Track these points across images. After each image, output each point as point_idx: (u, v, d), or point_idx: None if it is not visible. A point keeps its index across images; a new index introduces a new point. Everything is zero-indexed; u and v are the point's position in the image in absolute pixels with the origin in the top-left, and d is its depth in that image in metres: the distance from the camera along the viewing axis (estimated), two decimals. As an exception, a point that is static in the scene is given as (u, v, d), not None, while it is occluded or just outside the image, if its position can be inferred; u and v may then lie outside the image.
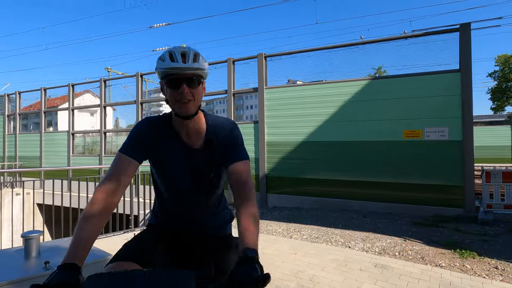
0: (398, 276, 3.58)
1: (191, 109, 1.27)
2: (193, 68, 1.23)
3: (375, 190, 7.39)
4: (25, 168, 13.06)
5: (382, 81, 7.69)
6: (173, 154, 1.37)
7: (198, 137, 1.38)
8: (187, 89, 1.24)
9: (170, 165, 1.38)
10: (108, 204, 1.20)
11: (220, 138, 1.36)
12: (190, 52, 1.25)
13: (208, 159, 1.38)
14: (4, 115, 15.06)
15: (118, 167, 1.27)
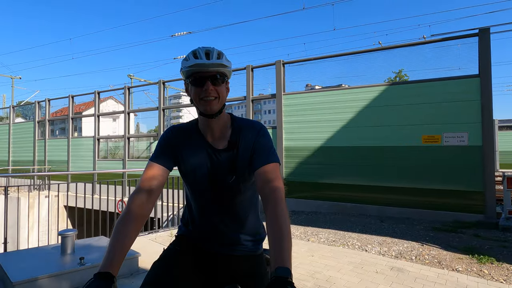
0: (413, 279, 3.65)
1: (216, 107, 1.27)
2: (217, 65, 1.23)
3: (393, 195, 7.40)
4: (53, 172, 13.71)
5: (400, 87, 7.72)
6: (197, 155, 1.36)
7: (222, 137, 1.36)
8: (211, 86, 1.24)
9: (193, 166, 1.36)
10: (141, 213, 1.22)
11: (245, 140, 1.34)
12: (214, 50, 1.26)
13: (231, 161, 1.34)
14: (34, 121, 15.86)
15: (149, 175, 1.29)
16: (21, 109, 21.36)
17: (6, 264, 3.35)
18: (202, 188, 1.37)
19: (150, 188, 1.27)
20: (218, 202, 1.37)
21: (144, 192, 1.25)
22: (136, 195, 1.24)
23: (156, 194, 1.29)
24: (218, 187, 1.35)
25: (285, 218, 1.12)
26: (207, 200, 1.38)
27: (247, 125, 1.36)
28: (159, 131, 11.48)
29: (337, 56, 8.75)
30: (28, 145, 16.14)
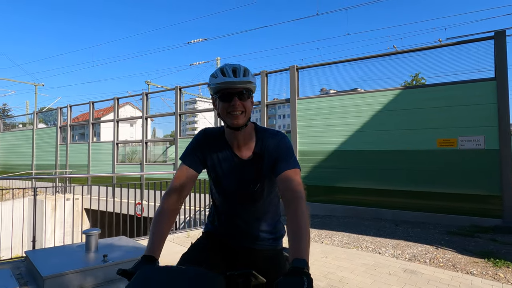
0: (427, 281, 3.68)
1: (242, 121, 1.36)
2: (244, 82, 1.32)
3: (408, 199, 7.37)
4: (74, 175, 14.17)
5: (415, 90, 7.71)
6: (224, 164, 1.47)
7: (248, 148, 1.45)
8: (238, 101, 1.33)
9: (221, 175, 1.48)
10: (173, 209, 1.40)
11: (268, 150, 1.43)
12: (240, 68, 1.35)
13: (256, 170, 1.44)
14: (56, 126, 16.45)
15: (180, 177, 1.45)
16: (43, 115, 22.16)
17: (35, 260, 3.57)
18: (228, 193, 1.50)
19: (181, 189, 1.43)
20: (242, 205, 1.50)
21: (175, 192, 1.42)
22: (168, 195, 1.41)
23: (186, 193, 1.45)
24: (243, 193, 1.47)
25: (305, 218, 1.21)
26: (231, 203, 1.52)
27: (270, 135, 1.46)
28: (175, 136, 11.75)
29: (352, 61, 8.80)
30: (50, 150, 16.73)
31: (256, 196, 1.48)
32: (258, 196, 1.48)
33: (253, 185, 1.45)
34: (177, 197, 1.42)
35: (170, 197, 1.41)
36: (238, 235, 1.54)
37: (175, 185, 1.44)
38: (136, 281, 0.95)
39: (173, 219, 1.41)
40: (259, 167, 1.44)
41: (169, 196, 1.41)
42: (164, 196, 1.43)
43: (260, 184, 1.45)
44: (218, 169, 1.49)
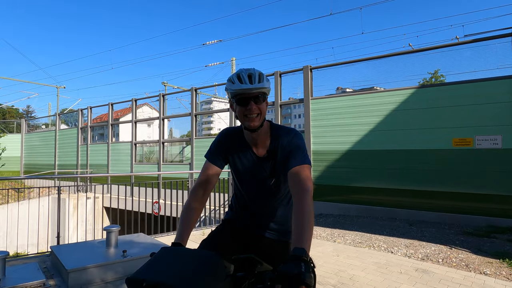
0: (438, 280, 3.71)
1: (257, 122, 1.48)
2: (259, 88, 1.42)
3: (424, 199, 7.32)
4: (94, 174, 14.64)
5: (431, 89, 7.62)
6: (243, 161, 1.62)
7: (263, 146, 1.59)
8: (254, 105, 1.45)
9: (241, 170, 1.64)
10: (200, 203, 1.56)
11: (281, 147, 1.54)
12: (255, 73, 1.45)
13: (271, 167, 1.58)
14: (77, 127, 17.01)
15: (205, 173, 1.61)
16: (65, 116, 22.91)
17: (60, 255, 3.79)
18: (247, 186, 1.67)
19: (206, 184, 1.60)
20: (259, 197, 1.65)
21: (201, 187, 1.59)
22: (195, 190, 1.59)
23: (211, 188, 1.62)
24: (260, 188, 1.63)
25: (309, 211, 1.27)
26: (249, 195, 1.67)
27: (284, 133, 1.56)
28: (191, 136, 11.99)
29: (367, 60, 8.77)
30: (72, 150, 17.32)
31: (272, 191, 1.61)
32: (274, 191, 1.61)
33: (269, 180, 1.59)
34: (202, 191, 1.59)
35: (196, 192, 1.58)
36: (254, 224, 1.68)
37: (200, 181, 1.61)
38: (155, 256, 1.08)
39: (200, 211, 1.58)
40: (273, 163, 1.57)
41: (196, 191, 1.58)
42: (191, 191, 1.60)
43: (276, 179, 1.58)
44: (238, 165, 1.64)
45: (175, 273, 0.97)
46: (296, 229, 1.23)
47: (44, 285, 3.40)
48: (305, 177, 1.39)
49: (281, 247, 1.64)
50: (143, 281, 0.93)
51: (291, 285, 0.99)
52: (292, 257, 1.07)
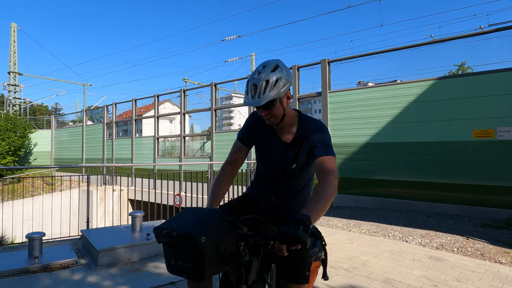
0: (451, 267, 3.76)
1: (274, 122, 1.61)
2: (264, 99, 1.48)
3: (443, 192, 7.26)
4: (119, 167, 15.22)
5: (451, 81, 7.50)
6: (268, 145, 1.74)
7: (289, 132, 1.68)
8: (264, 112, 1.56)
9: (264, 153, 1.77)
10: (229, 178, 1.79)
11: (308, 137, 1.61)
12: (262, 83, 1.48)
13: (294, 153, 1.67)
14: (103, 123, 17.70)
15: (234, 151, 1.82)
16: (91, 113, 23.82)
17: (90, 237, 4.11)
18: (268, 168, 1.79)
19: (235, 160, 1.82)
20: (278, 180, 1.76)
21: (230, 163, 1.82)
22: (225, 166, 1.81)
23: (239, 164, 1.84)
24: (281, 170, 1.73)
25: (329, 192, 1.36)
26: (271, 177, 1.79)
27: (312, 124, 1.66)
28: (211, 131, 12.27)
29: (387, 52, 8.69)
30: (98, 145, 18.05)
31: (291, 174, 1.71)
32: (293, 175, 1.71)
33: (290, 164, 1.69)
34: (231, 167, 1.80)
35: (226, 167, 1.81)
36: (270, 204, 1.80)
37: (230, 157, 1.82)
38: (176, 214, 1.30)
39: (228, 185, 1.80)
40: (297, 150, 1.66)
41: (226, 166, 1.81)
42: (222, 167, 1.82)
43: (297, 165, 1.68)
44: (262, 147, 1.78)
45: (187, 222, 1.18)
46: (310, 201, 1.36)
47: (76, 263, 3.71)
48: (331, 167, 1.49)
49: None
50: (163, 229, 1.17)
51: (288, 243, 1.15)
52: (294, 220, 1.19)
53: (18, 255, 3.82)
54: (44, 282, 3.20)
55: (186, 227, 1.14)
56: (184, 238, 1.11)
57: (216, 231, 1.15)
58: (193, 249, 1.09)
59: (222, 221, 1.20)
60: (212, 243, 1.11)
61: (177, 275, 1.16)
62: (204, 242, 1.08)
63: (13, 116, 21.04)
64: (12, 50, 24.97)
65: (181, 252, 1.14)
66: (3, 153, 19.05)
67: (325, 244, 1.99)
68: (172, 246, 1.16)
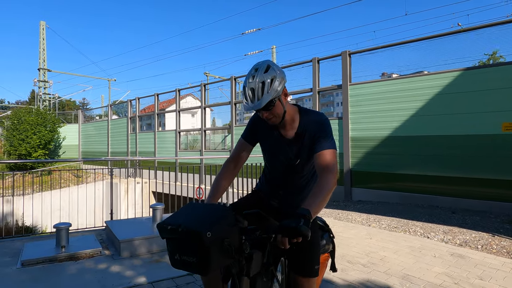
0: (474, 265, 3.65)
1: (276, 122, 1.63)
2: (264, 101, 1.50)
3: (469, 187, 7.01)
4: (142, 160, 15.62)
5: (480, 71, 7.17)
6: (271, 142, 1.76)
7: (292, 128, 1.70)
8: (265, 114, 1.58)
9: (269, 150, 1.81)
10: (230, 174, 1.81)
11: (309, 131, 1.64)
12: (258, 86, 1.50)
13: (297, 148, 1.69)
14: (127, 117, 18.17)
15: (238, 148, 1.84)
16: (116, 107, 24.50)
17: (113, 228, 4.26)
18: (274, 164, 1.82)
19: (237, 158, 1.83)
20: (284, 175, 1.79)
21: (233, 160, 1.83)
22: (228, 163, 1.83)
23: (242, 162, 1.85)
24: (286, 166, 1.76)
25: (327, 187, 1.44)
26: (276, 172, 1.82)
27: (312, 118, 1.68)
28: (231, 125, 12.35)
29: (411, 42, 8.42)
30: (122, 139, 18.58)
31: (296, 170, 1.74)
32: (298, 170, 1.74)
33: (294, 160, 1.71)
34: (234, 164, 1.82)
35: (228, 164, 1.83)
36: (277, 198, 1.83)
37: (233, 155, 1.85)
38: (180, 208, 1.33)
39: (229, 181, 1.81)
40: (300, 145, 1.68)
41: (228, 163, 1.83)
42: (224, 163, 1.84)
43: (300, 160, 1.70)
44: (266, 144, 1.81)
45: (192, 218, 1.21)
46: (310, 196, 1.42)
47: (100, 253, 3.87)
48: (330, 161, 1.53)
49: None
50: (168, 225, 1.19)
51: (290, 236, 1.20)
52: (295, 214, 1.24)
53: (47, 244, 4.02)
54: (70, 271, 3.37)
55: (192, 222, 1.17)
56: (190, 234, 1.13)
57: (221, 227, 1.17)
58: (199, 244, 1.12)
59: (227, 216, 1.23)
60: (217, 238, 1.14)
61: (181, 269, 1.19)
62: (210, 237, 1.11)
63: (43, 111, 21.96)
64: (42, 47, 25.96)
65: (186, 247, 1.17)
66: (34, 147, 19.95)
67: (333, 236, 2.00)
68: (176, 241, 1.19)
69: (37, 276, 3.22)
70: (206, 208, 1.28)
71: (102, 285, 3.04)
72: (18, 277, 3.19)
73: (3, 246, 4.15)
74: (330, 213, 6.69)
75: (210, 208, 1.27)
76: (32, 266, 3.46)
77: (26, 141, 19.86)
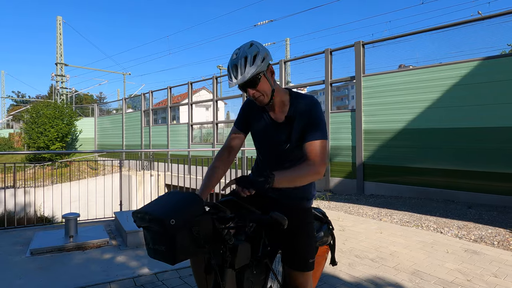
0: (488, 262, 3.50)
1: (264, 101, 1.55)
2: (245, 77, 1.44)
3: (487, 181, 6.76)
4: (156, 152, 15.78)
5: (502, 60, 6.82)
6: (261, 126, 1.70)
7: (281, 112, 1.63)
8: (251, 91, 1.51)
9: (258, 134, 1.73)
10: (224, 163, 1.73)
11: (300, 114, 1.58)
12: (240, 60, 1.45)
13: (288, 132, 1.62)
14: (141, 111, 18.35)
15: (231, 137, 1.78)
16: (131, 101, 24.81)
17: (121, 219, 4.29)
18: (265, 150, 1.76)
19: (231, 147, 1.76)
20: (276, 161, 1.70)
21: (226, 150, 1.76)
22: (221, 152, 1.76)
23: (235, 151, 1.78)
24: (276, 151, 1.68)
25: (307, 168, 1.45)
26: (267, 159, 1.75)
27: (303, 101, 1.60)
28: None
29: (427, 31, 8.12)
30: (137, 132, 18.80)
31: (286, 155, 1.65)
32: (289, 156, 1.65)
33: (284, 145, 1.64)
34: (227, 153, 1.76)
35: (221, 154, 1.76)
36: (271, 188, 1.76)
37: (226, 144, 1.78)
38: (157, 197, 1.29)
39: (223, 172, 1.73)
40: (290, 129, 1.61)
41: (221, 153, 1.76)
42: (217, 154, 1.77)
43: (290, 145, 1.62)
44: (256, 130, 1.74)
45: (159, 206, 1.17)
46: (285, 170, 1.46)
47: (107, 243, 3.90)
48: (319, 152, 1.49)
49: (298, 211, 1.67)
50: (138, 213, 1.17)
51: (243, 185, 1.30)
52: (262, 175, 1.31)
53: (56, 233, 4.08)
54: (77, 260, 3.40)
55: (157, 210, 1.14)
56: (155, 221, 1.11)
57: (186, 213, 1.13)
58: (163, 232, 1.09)
59: (194, 203, 1.18)
60: (182, 226, 1.10)
61: (155, 259, 1.17)
62: (174, 224, 1.07)
63: (60, 105, 22.43)
64: (58, 42, 26.44)
65: (156, 235, 1.14)
66: (52, 140, 20.45)
67: (332, 228, 1.91)
68: (149, 230, 1.16)
69: (44, 265, 3.27)
70: (176, 195, 1.24)
71: (106, 274, 3.05)
72: (26, 266, 3.24)
73: (16, 235, 4.24)
74: (341, 206, 6.58)
75: (179, 196, 1.23)
76: (41, 255, 3.51)
77: (44, 134, 20.37)
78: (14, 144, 28.21)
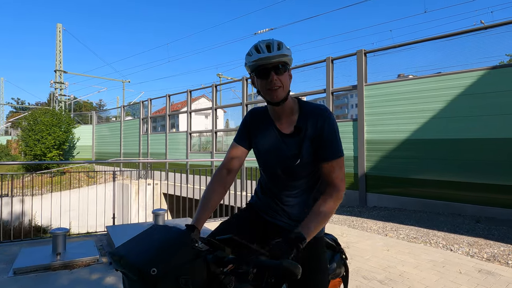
0: (505, 284, 3.26)
1: (281, 95, 1.34)
2: (278, 56, 1.29)
3: (495, 194, 6.54)
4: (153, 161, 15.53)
5: (501, 71, 6.69)
6: (266, 139, 1.48)
7: (289, 122, 1.43)
8: (275, 76, 1.31)
9: (263, 149, 1.50)
10: (223, 184, 1.48)
11: (311, 126, 1.38)
12: (274, 42, 1.32)
13: (297, 145, 1.40)
14: (139, 118, 18.16)
15: (231, 155, 1.53)
16: (130, 108, 24.64)
17: (113, 234, 4.05)
18: (269, 167, 1.50)
19: (231, 166, 1.52)
20: (281, 180, 1.47)
21: (225, 168, 1.52)
22: (219, 171, 1.52)
23: (236, 170, 1.54)
24: (282, 167, 1.44)
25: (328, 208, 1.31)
26: (273, 178, 1.50)
27: (314, 111, 1.40)
28: (242, 126, 12.08)
29: (430, 40, 7.99)
30: (135, 140, 18.58)
31: (295, 173, 1.43)
32: (298, 173, 1.43)
33: (293, 161, 1.41)
34: (226, 172, 1.51)
35: (220, 172, 1.51)
36: (273, 211, 1.53)
37: (225, 161, 1.54)
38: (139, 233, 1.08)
39: (221, 194, 1.49)
40: (300, 142, 1.40)
41: (219, 172, 1.51)
42: (215, 173, 1.53)
43: (301, 161, 1.40)
44: (260, 144, 1.50)
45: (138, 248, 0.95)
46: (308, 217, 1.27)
47: (97, 261, 3.65)
48: (338, 171, 1.35)
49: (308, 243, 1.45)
50: (113, 255, 0.96)
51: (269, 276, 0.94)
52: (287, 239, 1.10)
53: (43, 250, 3.84)
54: (63, 281, 3.15)
55: (134, 255, 0.91)
56: (131, 269, 0.89)
57: (173, 260, 0.90)
58: (142, 284, 0.87)
59: (182, 245, 0.95)
60: (166, 276, 0.87)
61: None
62: (155, 274, 0.85)
63: (58, 112, 22.24)
64: (58, 49, 26.37)
65: (134, 285, 0.92)
66: (49, 147, 20.20)
67: (345, 258, 1.68)
68: (127, 276, 0.94)
69: (27, 286, 3.02)
70: (160, 233, 1.01)
71: (93, 298, 2.81)
72: (7, 287, 2.99)
73: (1, 251, 4.00)
74: (344, 220, 6.34)
75: (164, 234, 1.00)
76: (24, 274, 3.26)
77: (41, 142, 20.13)
78: (11, 151, 27.95)
